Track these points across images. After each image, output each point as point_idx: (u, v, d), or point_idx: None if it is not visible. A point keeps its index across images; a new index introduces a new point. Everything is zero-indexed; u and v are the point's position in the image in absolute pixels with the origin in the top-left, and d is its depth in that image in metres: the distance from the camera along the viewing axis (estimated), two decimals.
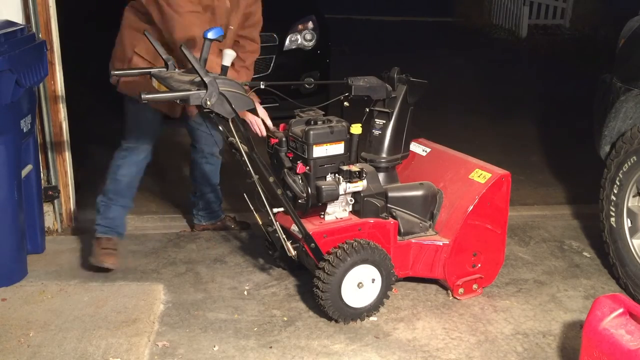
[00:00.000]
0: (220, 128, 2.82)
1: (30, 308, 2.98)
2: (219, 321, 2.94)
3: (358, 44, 9.15)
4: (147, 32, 2.79)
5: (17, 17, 3.48)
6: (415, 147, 3.39)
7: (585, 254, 3.71)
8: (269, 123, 3.06)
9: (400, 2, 12.38)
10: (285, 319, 2.98)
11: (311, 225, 2.93)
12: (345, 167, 2.94)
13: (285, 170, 2.94)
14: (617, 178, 3.31)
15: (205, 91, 2.47)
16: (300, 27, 5.95)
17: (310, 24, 6.00)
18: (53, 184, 3.75)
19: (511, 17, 11.46)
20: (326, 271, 2.79)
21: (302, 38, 5.92)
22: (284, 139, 3.00)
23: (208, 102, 2.48)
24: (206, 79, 2.46)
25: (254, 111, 3.00)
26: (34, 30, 3.48)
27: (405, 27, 11.52)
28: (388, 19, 12.04)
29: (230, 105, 2.55)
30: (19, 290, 3.14)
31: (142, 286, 3.21)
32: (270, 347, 2.77)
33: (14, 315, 2.92)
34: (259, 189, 2.81)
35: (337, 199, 2.94)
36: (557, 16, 11.52)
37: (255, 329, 2.89)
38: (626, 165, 3.26)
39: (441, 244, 3.04)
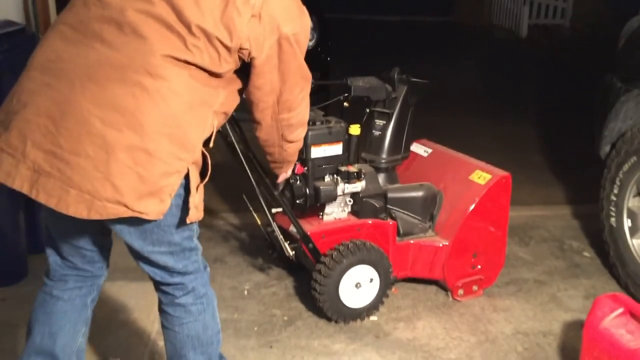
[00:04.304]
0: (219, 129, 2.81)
1: (31, 308, 2.97)
2: (219, 321, 2.93)
3: (358, 44, 9.15)
4: None
5: (17, 16, 3.48)
6: (417, 148, 3.39)
7: (585, 253, 3.71)
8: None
9: (400, 1, 12.37)
10: (286, 318, 2.98)
11: (309, 226, 2.93)
12: (343, 168, 2.93)
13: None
14: (617, 178, 3.31)
15: None
16: None
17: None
18: None
19: (511, 17, 11.45)
20: (323, 273, 2.79)
21: None
22: None
23: None
24: None
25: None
26: (34, 30, 3.49)
27: (405, 27, 11.51)
28: (388, 18, 12.03)
29: None
30: (19, 290, 3.14)
31: (142, 286, 3.18)
32: (271, 347, 2.77)
33: (14, 315, 2.92)
34: (257, 189, 2.81)
35: (335, 199, 2.94)
36: (557, 16, 11.51)
37: (255, 329, 2.89)
38: (626, 165, 3.26)
39: (440, 245, 3.04)
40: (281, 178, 2.57)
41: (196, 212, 1.86)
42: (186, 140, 1.78)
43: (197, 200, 1.85)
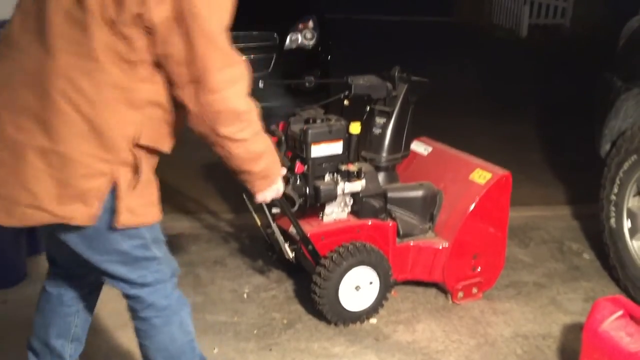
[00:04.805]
0: None
1: (31, 310, 2.93)
2: (219, 324, 2.94)
3: (358, 44, 9.15)
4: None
5: None
6: (417, 146, 3.38)
7: (585, 255, 3.71)
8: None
9: (400, 1, 12.37)
10: (285, 321, 2.98)
11: (309, 227, 2.92)
12: (343, 167, 2.92)
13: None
14: (618, 177, 3.31)
15: None
16: (300, 26, 5.95)
17: (310, 23, 5.99)
18: None
19: (511, 17, 11.46)
20: (322, 276, 2.79)
21: (302, 37, 5.92)
22: (283, 137, 2.98)
23: None
24: None
25: None
26: None
27: (405, 26, 11.51)
28: (388, 18, 12.03)
29: None
30: (19, 291, 3.14)
31: None
32: (270, 350, 2.77)
33: (14, 317, 2.92)
34: None
35: (335, 199, 2.93)
36: (557, 16, 11.52)
37: (255, 332, 2.89)
38: (626, 164, 3.26)
39: (440, 247, 3.03)
40: (258, 198, 2.14)
41: (130, 216, 1.79)
42: (105, 140, 1.73)
43: (131, 203, 1.78)
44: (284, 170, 2.24)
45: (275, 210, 2.90)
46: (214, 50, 1.75)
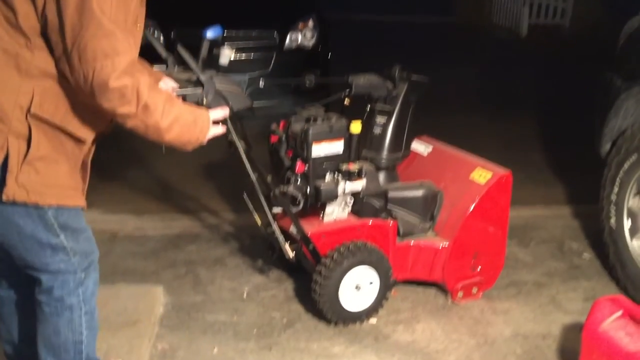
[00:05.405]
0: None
1: None
2: (219, 323, 2.94)
3: (358, 44, 9.14)
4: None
5: None
6: (418, 145, 3.38)
7: (585, 255, 3.71)
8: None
9: (400, 1, 12.37)
10: (285, 321, 2.98)
11: (310, 226, 2.92)
12: (344, 167, 2.92)
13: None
14: (618, 177, 3.31)
15: (201, 89, 2.46)
16: (300, 25, 5.97)
17: (310, 23, 6.02)
18: None
19: (511, 17, 11.46)
20: (323, 275, 2.79)
21: (302, 36, 5.94)
22: (283, 136, 2.98)
23: (204, 100, 2.48)
24: (202, 77, 2.45)
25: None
26: None
27: (405, 26, 11.51)
28: (388, 18, 12.02)
29: (227, 103, 2.54)
30: None
31: (142, 288, 3.21)
32: (270, 350, 2.77)
33: None
34: (257, 188, 2.81)
35: (336, 198, 2.93)
36: (557, 16, 11.52)
37: (254, 331, 2.89)
38: (627, 163, 3.26)
39: (440, 247, 3.03)
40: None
41: (19, 190, 1.75)
42: None
43: (24, 179, 1.74)
44: (212, 115, 2.12)
45: (276, 209, 2.90)
46: (88, 18, 1.67)
